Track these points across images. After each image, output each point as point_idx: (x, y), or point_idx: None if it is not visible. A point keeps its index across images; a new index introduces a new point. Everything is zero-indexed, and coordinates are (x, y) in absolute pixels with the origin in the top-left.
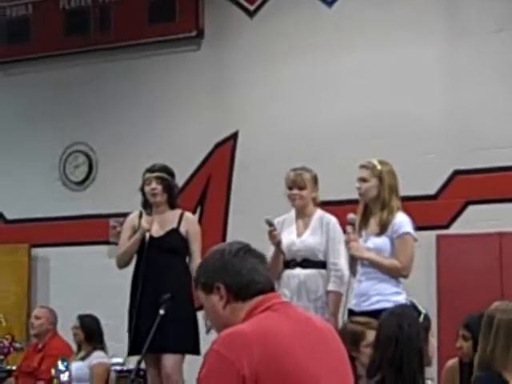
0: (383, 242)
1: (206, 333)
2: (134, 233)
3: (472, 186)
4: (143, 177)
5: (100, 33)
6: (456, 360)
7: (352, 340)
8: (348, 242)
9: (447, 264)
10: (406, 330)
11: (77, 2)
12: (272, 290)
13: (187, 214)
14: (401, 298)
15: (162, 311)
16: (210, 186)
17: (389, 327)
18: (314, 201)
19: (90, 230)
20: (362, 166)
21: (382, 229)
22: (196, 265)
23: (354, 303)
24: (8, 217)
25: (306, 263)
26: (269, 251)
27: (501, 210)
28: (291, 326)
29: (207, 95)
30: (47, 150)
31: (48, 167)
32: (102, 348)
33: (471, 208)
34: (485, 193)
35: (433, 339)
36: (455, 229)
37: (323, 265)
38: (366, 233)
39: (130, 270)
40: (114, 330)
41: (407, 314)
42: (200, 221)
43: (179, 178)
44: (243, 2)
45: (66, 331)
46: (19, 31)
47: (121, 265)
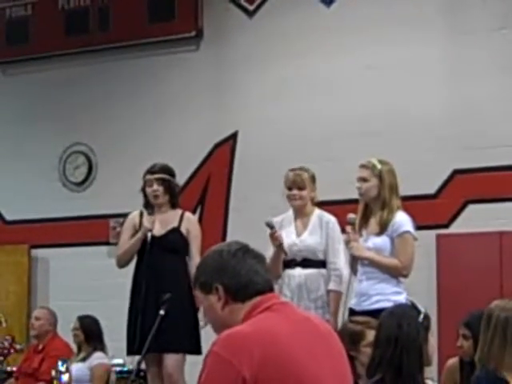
0: (383, 241)
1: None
2: (134, 232)
3: (472, 185)
4: (144, 178)
5: (99, 33)
6: (456, 359)
7: (351, 340)
8: (348, 241)
9: (447, 263)
10: (406, 329)
11: (76, 2)
12: (271, 291)
13: (188, 214)
14: (401, 298)
15: (162, 311)
16: (209, 185)
17: (388, 327)
18: (312, 200)
19: (90, 230)
20: (362, 166)
21: (382, 228)
22: (195, 264)
23: (354, 303)
24: (8, 218)
25: (306, 263)
26: (268, 251)
27: (500, 209)
28: (290, 327)
29: (206, 95)
30: (47, 151)
31: (48, 168)
32: (102, 349)
33: (471, 207)
34: (484, 192)
35: (432, 339)
36: (455, 228)
37: (323, 264)
38: (366, 232)
39: (131, 270)
40: (114, 331)
41: (407, 314)
42: (200, 220)
43: (179, 178)
44: (242, 2)
45: (66, 332)
46: (18, 31)
47: (121, 264)
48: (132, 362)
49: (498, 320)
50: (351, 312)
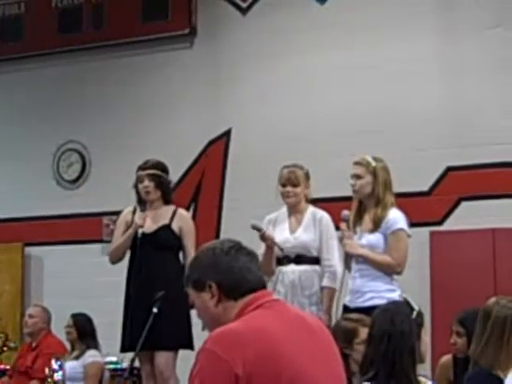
0: (377, 238)
1: (202, 329)
2: (127, 228)
3: (465, 182)
4: (136, 174)
5: (93, 31)
6: (449, 356)
7: (345, 337)
8: (342, 239)
9: (441, 260)
10: (399, 326)
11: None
12: (263, 288)
13: (180, 211)
14: (395, 295)
15: (155, 309)
16: (203, 182)
17: (382, 323)
18: (306, 197)
19: (84, 228)
20: (356, 163)
21: (376, 225)
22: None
23: (348, 300)
24: (1, 215)
25: (300, 259)
26: (260, 249)
27: (494, 206)
28: (283, 324)
29: (200, 93)
30: (40, 149)
31: (41, 166)
32: (96, 347)
33: (464, 204)
34: (478, 189)
35: (425, 336)
36: (448, 225)
37: (317, 261)
38: (360, 229)
39: (124, 268)
40: (108, 329)
41: (400, 311)
42: (194, 217)
43: (173, 175)
44: None
45: (60, 330)
46: (12, 30)
47: (113, 260)
48: (123, 359)
49: (497, 318)
50: (345, 309)
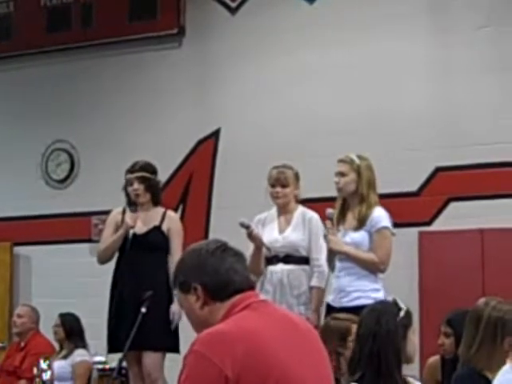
0: (361, 236)
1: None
2: (116, 229)
3: (454, 182)
4: (125, 177)
5: (82, 30)
6: (437, 357)
7: (339, 336)
8: (326, 236)
9: (429, 261)
10: (384, 326)
11: None
12: (251, 289)
13: (170, 213)
14: (380, 295)
15: (143, 309)
16: (192, 182)
17: (368, 323)
18: (295, 198)
19: (73, 228)
20: (341, 161)
21: (360, 223)
22: (175, 261)
23: (331, 299)
24: None
25: (289, 259)
26: (249, 249)
27: (483, 206)
28: (270, 324)
29: (189, 92)
30: (29, 148)
31: (30, 165)
32: (84, 346)
33: (453, 205)
34: (467, 189)
35: (413, 336)
36: (437, 225)
37: (306, 260)
38: (343, 227)
39: (113, 268)
40: (96, 329)
41: (386, 310)
42: (182, 217)
43: (161, 175)
44: None
45: (48, 329)
46: (1, 28)
47: (102, 260)
48: (109, 359)
49: (488, 321)
50: (329, 308)
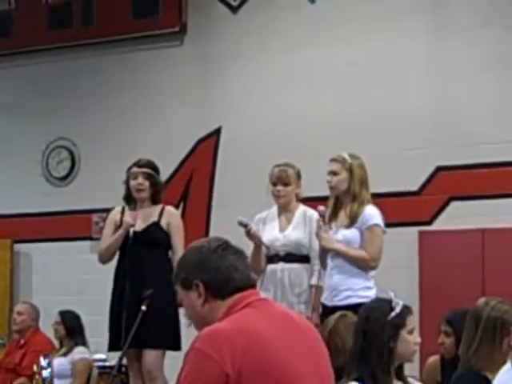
0: (353, 233)
1: (187, 325)
2: (115, 229)
3: (455, 182)
4: (129, 170)
5: (83, 28)
6: (437, 357)
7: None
8: (318, 233)
9: (429, 260)
10: (372, 324)
11: None
12: (251, 287)
13: (168, 208)
14: (371, 293)
15: (143, 307)
16: (192, 181)
17: (360, 321)
18: (296, 196)
19: (73, 225)
20: (333, 160)
21: (352, 221)
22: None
23: (325, 297)
24: None
25: (290, 257)
26: (250, 247)
27: (483, 206)
28: (271, 323)
29: (190, 91)
30: (30, 145)
31: (31, 162)
32: (84, 344)
33: (454, 204)
34: (467, 189)
35: (410, 336)
36: (438, 225)
37: (307, 259)
38: (335, 225)
39: (113, 265)
40: (96, 326)
41: (377, 308)
42: (183, 216)
43: (163, 173)
44: None
45: (49, 327)
46: (1, 26)
47: (104, 260)
48: (108, 355)
49: (487, 321)
50: (323, 307)
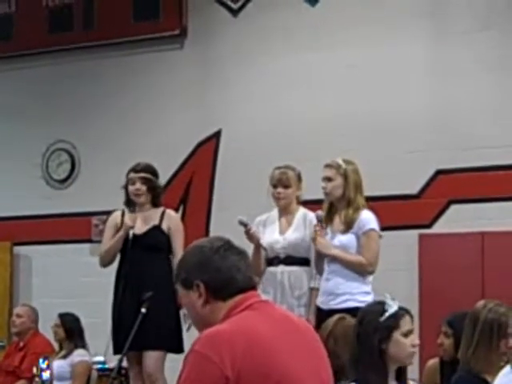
0: (349, 239)
1: (186, 330)
2: (116, 231)
3: (455, 185)
4: (127, 176)
5: (83, 31)
6: (436, 360)
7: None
8: (315, 238)
9: (429, 263)
10: (364, 326)
11: None
12: (253, 289)
13: (169, 211)
14: (368, 298)
15: (143, 310)
16: (192, 183)
17: (356, 324)
18: (297, 199)
19: (73, 228)
20: (327, 166)
21: (348, 226)
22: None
23: (321, 301)
24: None
25: (290, 260)
26: (250, 248)
27: (483, 209)
28: (271, 325)
29: (190, 94)
30: (30, 148)
31: (31, 165)
32: (83, 346)
33: (454, 207)
34: (467, 192)
35: (405, 339)
36: (438, 228)
37: (306, 261)
38: (331, 231)
39: (113, 268)
40: (96, 329)
41: (370, 311)
42: (183, 219)
43: (162, 176)
44: (227, 0)
45: (48, 329)
46: (1, 29)
47: (104, 263)
48: (107, 357)
49: (484, 323)
50: (318, 310)
